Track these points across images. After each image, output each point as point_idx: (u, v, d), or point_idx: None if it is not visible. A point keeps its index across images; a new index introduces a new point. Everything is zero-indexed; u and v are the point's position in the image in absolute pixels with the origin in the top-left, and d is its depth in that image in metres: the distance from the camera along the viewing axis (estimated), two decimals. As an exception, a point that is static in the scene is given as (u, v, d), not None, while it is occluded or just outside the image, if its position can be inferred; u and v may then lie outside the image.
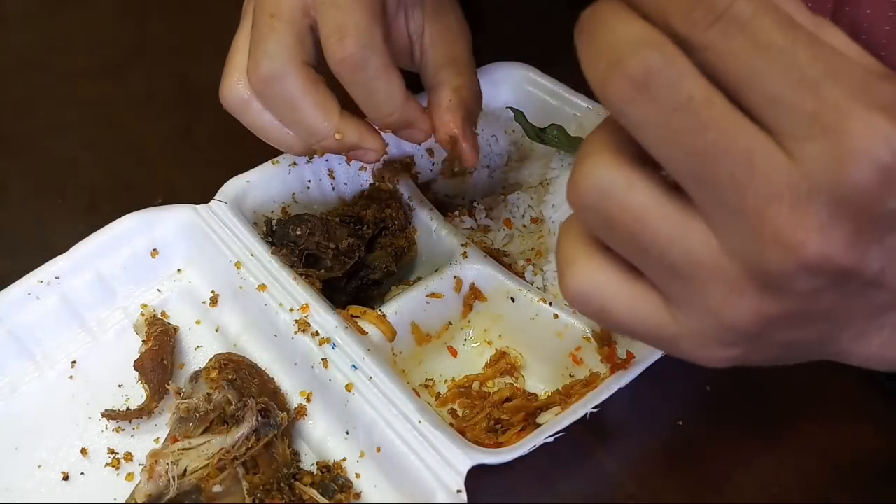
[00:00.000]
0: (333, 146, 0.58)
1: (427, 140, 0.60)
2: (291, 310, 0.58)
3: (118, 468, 0.56)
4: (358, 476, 0.54)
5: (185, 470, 0.51)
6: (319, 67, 0.56)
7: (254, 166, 0.67)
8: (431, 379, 0.61)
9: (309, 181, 0.68)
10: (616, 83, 0.32)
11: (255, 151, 0.65)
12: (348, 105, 0.57)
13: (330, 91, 0.57)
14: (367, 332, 0.58)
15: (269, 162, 0.67)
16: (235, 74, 0.58)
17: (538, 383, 0.61)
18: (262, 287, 0.60)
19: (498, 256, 0.65)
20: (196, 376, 0.57)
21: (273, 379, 0.59)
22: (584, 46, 0.34)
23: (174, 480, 0.50)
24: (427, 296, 0.61)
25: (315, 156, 0.64)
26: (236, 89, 0.58)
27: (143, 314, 0.62)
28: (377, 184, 0.70)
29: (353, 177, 0.70)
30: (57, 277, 0.61)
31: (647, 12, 0.32)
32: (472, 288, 0.63)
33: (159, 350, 0.59)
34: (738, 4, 0.31)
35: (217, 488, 0.51)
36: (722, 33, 0.31)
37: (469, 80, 0.61)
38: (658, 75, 0.31)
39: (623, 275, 0.36)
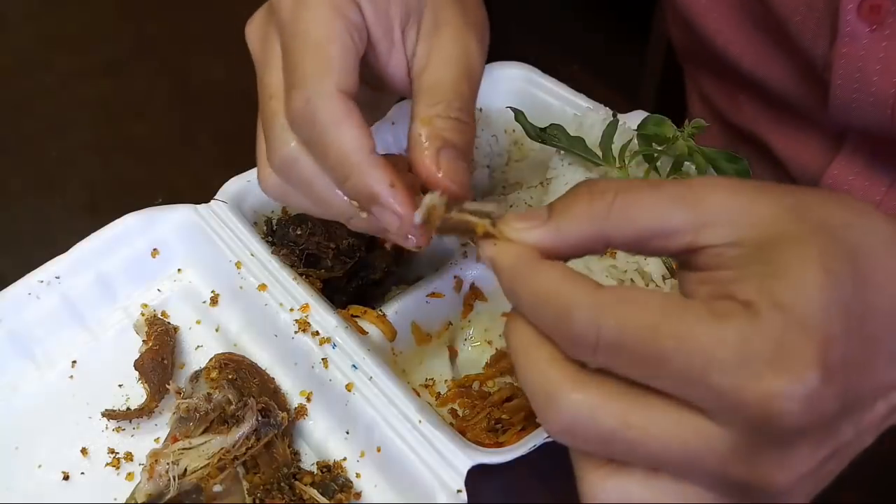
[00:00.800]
0: (364, 226, 0.52)
1: (404, 230, 0.48)
2: (292, 310, 0.58)
3: (118, 468, 0.56)
4: (358, 476, 0.54)
5: (186, 469, 0.51)
6: None
7: (254, 166, 0.66)
8: (431, 379, 0.61)
9: (309, 181, 0.68)
10: (552, 431, 0.37)
11: (255, 151, 0.64)
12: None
13: None
14: (367, 332, 0.58)
15: (270, 162, 0.67)
16: (265, 163, 0.54)
17: (538, 383, 0.61)
18: (263, 287, 0.60)
19: (498, 256, 0.65)
20: (196, 376, 0.57)
21: (273, 379, 0.59)
22: (518, 373, 0.39)
23: (174, 480, 0.50)
24: (427, 295, 0.61)
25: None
26: (272, 178, 0.54)
27: (143, 314, 0.62)
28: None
29: (354, 177, 0.70)
30: (57, 277, 0.61)
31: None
32: (473, 288, 0.63)
33: (159, 350, 0.59)
34: (604, 332, 0.35)
35: (217, 488, 0.51)
36: (606, 356, 0.35)
37: (446, 108, 0.52)
38: (577, 423, 0.36)
39: (643, 478, 0.37)
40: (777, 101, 0.75)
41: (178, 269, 0.65)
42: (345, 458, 0.54)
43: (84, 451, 0.57)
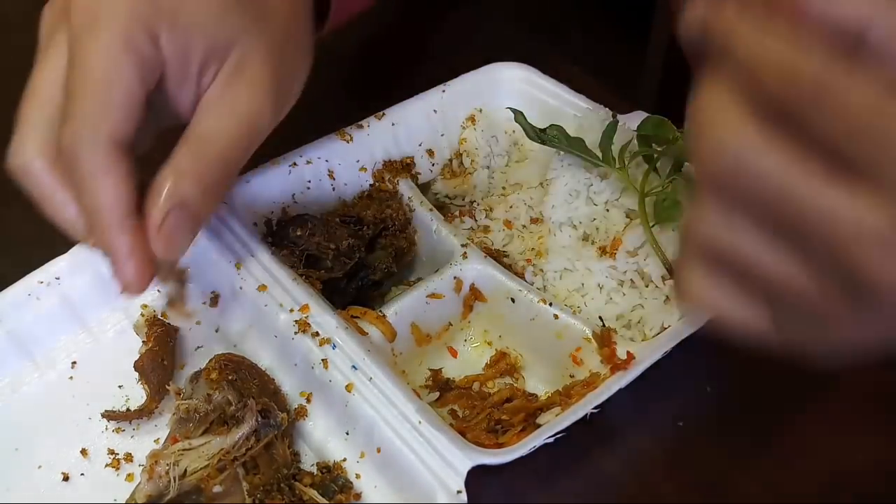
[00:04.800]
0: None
1: (123, 287, 0.49)
2: (291, 310, 0.58)
3: (118, 469, 0.56)
4: (358, 476, 0.54)
5: (186, 470, 0.51)
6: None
7: (254, 167, 0.67)
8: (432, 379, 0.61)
9: (309, 182, 0.68)
10: (717, 167, 0.34)
11: (255, 152, 0.64)
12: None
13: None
14: (367, 333, 0.58)
15: (269, 162, 0.67)
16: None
17: (538, 384, 0.61)
18: (263, 287, 0.60)
19: (498, 257, 0.65)
20: (196, 377, 0.57)
21: (273, 379, 0.59)
22: (695, 139, 0.37)
23: (174, 481, 0.50)
24: (427, 296, 0.61)
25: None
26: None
27: (143, 314, 0.62)
28: (377, 184, 0.70)
29: (354, 177, 0.70)
30: (57, 278, 0.61)
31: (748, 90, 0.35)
32: (472, 288, 0.63)
33: (159, 350, 0.59)
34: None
35: (217, 489, 0.51)
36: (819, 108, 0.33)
37: (205, 168, 0.49)
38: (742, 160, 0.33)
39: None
40: None
41: (178, 270, 0.65)
42: (345, 459, 0.54)
43: (84, 451, 0.57)
